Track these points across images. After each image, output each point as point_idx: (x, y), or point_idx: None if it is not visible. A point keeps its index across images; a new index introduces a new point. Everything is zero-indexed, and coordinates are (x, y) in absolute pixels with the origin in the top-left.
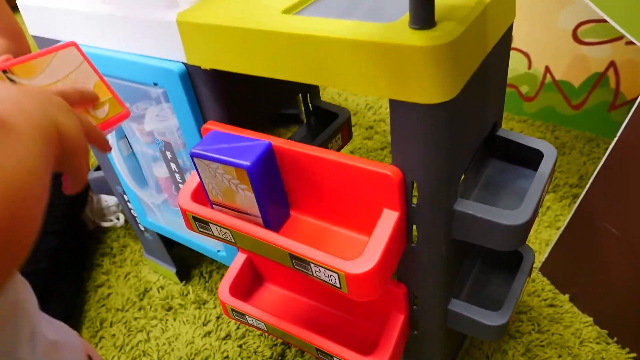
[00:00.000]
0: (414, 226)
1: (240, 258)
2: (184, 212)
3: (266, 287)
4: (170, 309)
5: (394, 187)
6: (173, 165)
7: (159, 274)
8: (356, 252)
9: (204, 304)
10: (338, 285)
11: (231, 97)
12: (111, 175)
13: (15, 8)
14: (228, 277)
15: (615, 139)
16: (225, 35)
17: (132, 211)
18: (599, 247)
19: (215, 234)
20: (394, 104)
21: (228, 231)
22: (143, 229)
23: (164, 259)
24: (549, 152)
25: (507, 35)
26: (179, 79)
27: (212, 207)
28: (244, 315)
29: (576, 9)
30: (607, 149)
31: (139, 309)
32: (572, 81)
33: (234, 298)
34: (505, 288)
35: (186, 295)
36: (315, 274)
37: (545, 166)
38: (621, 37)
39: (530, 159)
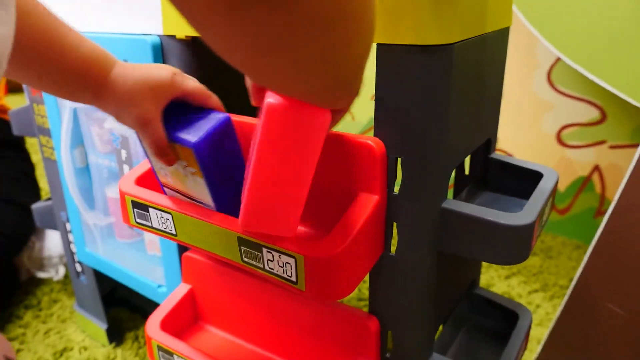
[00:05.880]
0: (394, 227)
1: (181, 289)
2: (123, 198)
3: (206, 331)
4: None
5: (375, 162)
6: (126, 169)
7: (86, 334)
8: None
9: None
10: (294, 279)
11: (207, 77)
12: (58, 198)
13: None
14: (162, 308)
15: (614, 202)
16: None
17: (71, 245)
18: (600, 334)
19: (154, 225)
20: (383, 52)
21: (170, 216)
22: (80, 269)
23: (96, 312)
24: (549, 173)
25: (503, 39)
26: (151, 50)
27: (165, 193)
28: (172, 355)
29: (559, 112)
30: None
31: None
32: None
33: (165, 333)
34: (496, 355)
35: (113, 359)
36: (267, 267)
37: (546, 182)
38: (604, 140)
39: (527, 186)
